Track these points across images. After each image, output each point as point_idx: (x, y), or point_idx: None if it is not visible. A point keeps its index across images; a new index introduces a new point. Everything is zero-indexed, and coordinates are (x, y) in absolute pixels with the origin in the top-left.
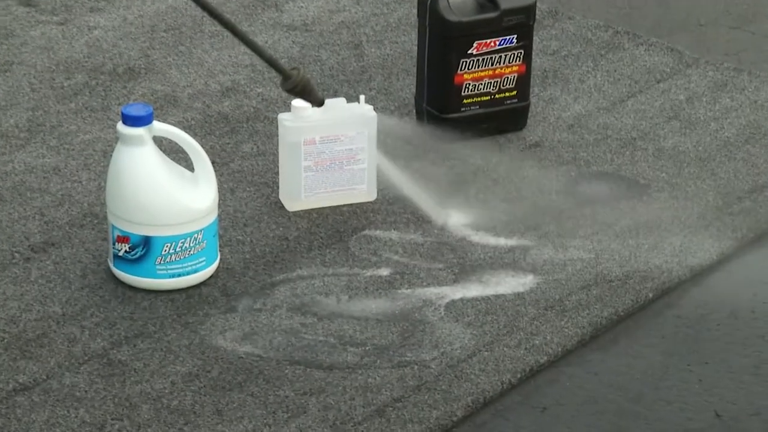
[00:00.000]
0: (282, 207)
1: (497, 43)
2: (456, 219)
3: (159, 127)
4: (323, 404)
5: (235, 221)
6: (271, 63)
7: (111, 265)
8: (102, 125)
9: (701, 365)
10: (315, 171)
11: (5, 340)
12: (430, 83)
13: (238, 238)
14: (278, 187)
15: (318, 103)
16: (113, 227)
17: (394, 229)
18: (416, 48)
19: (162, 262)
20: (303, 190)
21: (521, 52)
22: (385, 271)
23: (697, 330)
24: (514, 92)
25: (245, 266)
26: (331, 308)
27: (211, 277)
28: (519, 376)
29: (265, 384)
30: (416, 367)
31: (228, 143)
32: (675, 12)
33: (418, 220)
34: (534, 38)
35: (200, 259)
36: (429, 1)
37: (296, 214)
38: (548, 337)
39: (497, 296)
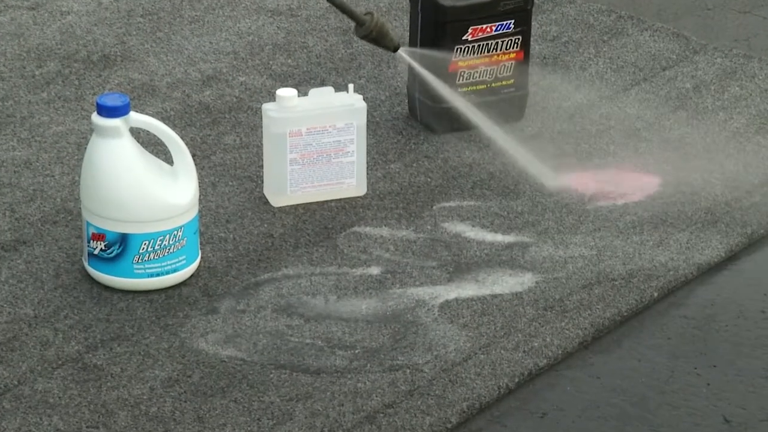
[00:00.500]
0: (266, 202)
1: (493, 28)
2: (563, 181)
3: (136, 118)
4: (310, 410)
5: (217, 217)
6: (343, 8)
7: (86, 264)
8: (76, 116)
9: (709, 368)
10: (301, 164)
11: None
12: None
13: (221, 235)
14: (262, 182)
15: (393, 48)
16: (88, 224)
17: (385, 226)
18: (408, 34)
19: (140, 260)
20: (289, 184)
21: (519, 38)
22: (375, 270)
23: (705, 331)
24: (512, 80)
25: (228, 265)
26: (319, 309)
27: (191, 276)
28: (517, 380)
29: (249, 389)
30: (408, 371)
31: (209, 135)
32: None
33: (410, 215)
34: (532, 23)
35: (180, 258)
36: None
37: (281, 209)
38: (548, 339)
39: (494, 296)
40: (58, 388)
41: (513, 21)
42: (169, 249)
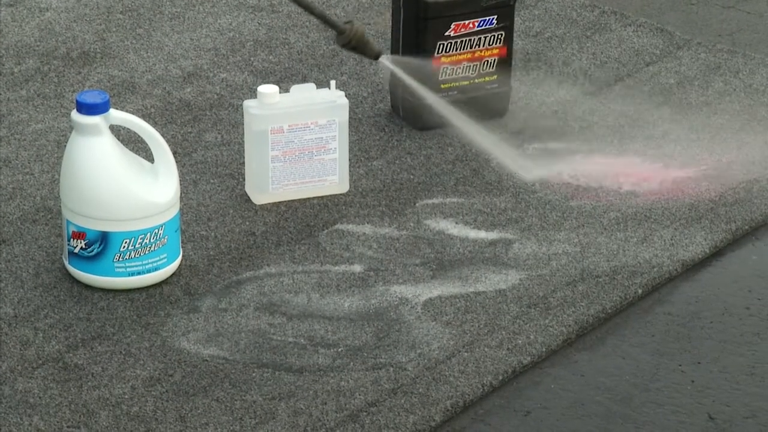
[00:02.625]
0: (248, 200)
1: (476, 24)
2: (538, 173)
3: (116, 115)
4: (293, 409)
5: (199, 215)
6: (323, 18)
7: (66, 262)
8: (55, 114)
9: (693, 365)
10: (283, 161)
11: None
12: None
13: (202, 233)
14: (244, 179)
15: (374, 56)
16: (68, 222)
17: (368, 223)
18: (390, 30)
19: (120, 259)
20: (270, 181)
21: (502, 34)
22: (358, 268)
23: (689, 328)
24: (495, 76)
25: (209, 263)
26: (301, 307)
27: (173, 275)
28: (501, 377)
29: (231, 388)
30: (392, 369)
31: (190, 132)
32: None
33: (393, 213)
34: (515, 19)
35: (161, 256)
36: None
37: (263, 207)
38: (532, 337)
39: (477, 293)
40: (39, 388)
41: (495, 17)
42: (150, 247)
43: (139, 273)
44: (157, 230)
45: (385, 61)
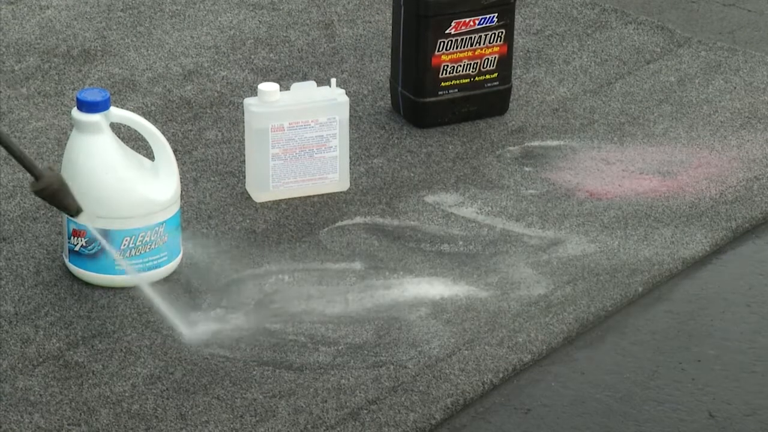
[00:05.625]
0: (249, 198)
1: (477, 22)
2: (201, 330)
3: (117, 113)
4: (293, 407)
5: (199, 213)
6: (21, 160)
7: (66, 260)
8: (56, 111)
9: (694, 363)
10: (284, 159)
11: None
12: (406, 65)
13: (203, 231)
14: (244, 177)
15: (73, 212)
16: (68, 220)
17: (368, 221)
18: (391, 28)
19: (121, 257)
20: (271, 179)
21: (502, 32)
22: (358, 266)
23: (690, 326)
24: (495, 74)
25: (210, 261)
26: (302, 305)
27: (173, 272)
28: (501, 376)
29: (231, 386)
30: (392, 367)
31: (191, 130)
32: None
33: (394, 210)
34: (516, 16)
35: (162, 254)
36: None
37: (264, 205)
38: (532, 335)
39: (478, 291)
40: (39, 386)
41: (496, 14)
42: (150, 245)
43: (139, 271)
44: (157, 228)
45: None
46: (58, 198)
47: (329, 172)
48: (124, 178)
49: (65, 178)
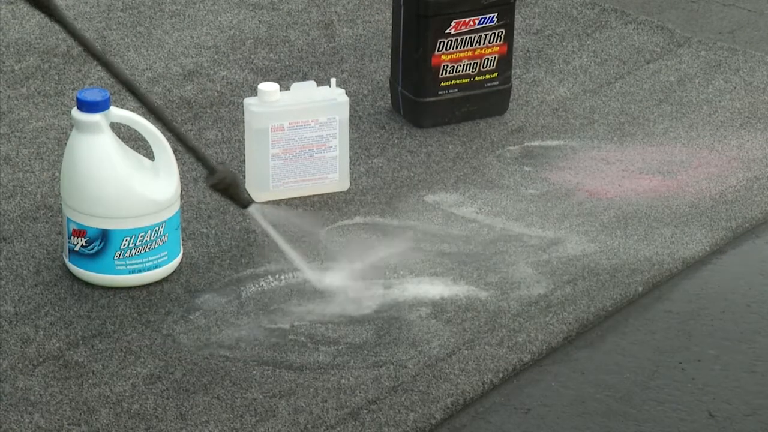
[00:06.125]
0: None
1: (476, 21)
2: (332, 279)
3: (117, 113)
4: (293, 407)
5: (199, 213)
6: (196, 154)
7: (66, 260)
8: (56, 111)
9: (694, 363)
10: (283, 159)
11: None
12: (406, 65)
13: (202, 231)
14: (244, 177)
15: (243, 204)
16: (69, 220)
17: (368, 221)
18: (391, 27)
19: (121, 257)
20: (271, 179)
21: (502, 32)
22: (358, 266)
23: (690, 326)
24: (495, 74)
25: (210, 261)
26: (302, 305)
27: (173, 272)
28: (501, 375)
29: (231, 386)
30: (392, 366)
31: (190, 130)
32: None
33: (394, 210)
34: (516, 16)
35: (162, 254)
36: None
37: (264, 205)
38: (532, 335)
39: (478, 291)
40: (39, 386)
41: (496, 14)
42: (150, 245)
43: (139, 271)
44: (157, 228)
45: (254, 211)
46: (231, 191)
47: (329, 172)
48: (125, 178)
49: (65, 177)
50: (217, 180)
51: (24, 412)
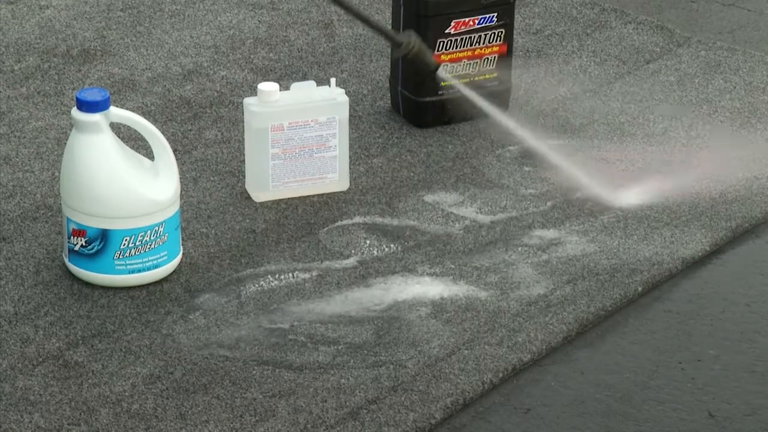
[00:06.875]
0: (248, 197)
1: (476, 21)
2: (628, 199)
3: (116, 113)
4: (293, 407)
5: (199, 213)
6: (379, 30)
7: (66, 260)
8: (55, 111)
9: (694, 363)
10: (283, 159)
11: None
12: (406, 65)
13: (202, 230)
14: (244, 177)
15: (434, 67)
16: (68, 220)
17: (368, 220)
18: (391, 28)
19: (121, 256)
20: (271, 179)
21: (502, 32)
22: (358, 265)
23: (690, 325)
24: (495, 74)
25: (210, 261)
26: (302, 305)
27: (173, 272)
28: (501, 375)
29: (231, 386)
30: (392, 366)
31: (190, 130)
32: None
33: (393, 210)
34: (515, 16)
35: (161, 254)
36: None
37: (263, 204)
38: (532, 335)
39: (478, 291)
40: (39, 386)
41: (496, 14)
42: (150, 245)
43: (139, 270)
44: (157, 228)
45: (444, 73)
46: (419, 57)
47: (329, 172)
48: (124, 178)
49: (65, 177)
50: (405, 51)
51: (24, 412)
